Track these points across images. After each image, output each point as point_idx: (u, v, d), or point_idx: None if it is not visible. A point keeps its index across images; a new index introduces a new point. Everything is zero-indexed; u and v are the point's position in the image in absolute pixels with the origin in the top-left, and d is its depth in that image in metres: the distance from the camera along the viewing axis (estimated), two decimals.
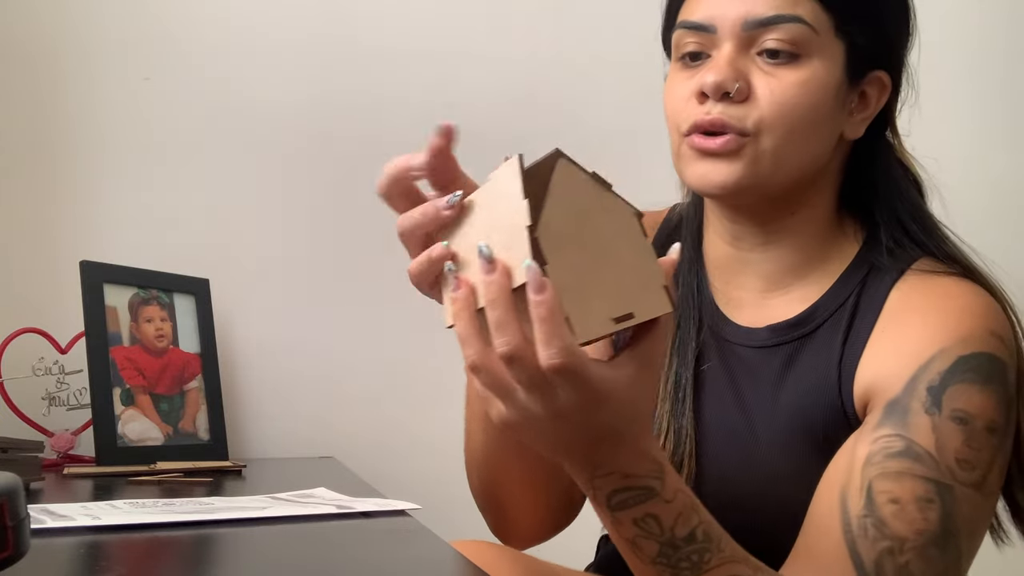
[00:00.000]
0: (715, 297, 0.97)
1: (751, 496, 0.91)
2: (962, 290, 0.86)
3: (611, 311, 0.65)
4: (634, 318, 0.65)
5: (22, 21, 1.50)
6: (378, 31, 1.64)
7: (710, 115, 0.85)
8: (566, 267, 0.64)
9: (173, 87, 1.55)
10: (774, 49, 0.85)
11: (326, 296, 1.59)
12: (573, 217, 0.65)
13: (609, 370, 0.66)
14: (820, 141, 0.89)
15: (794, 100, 0.85)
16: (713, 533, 0.74)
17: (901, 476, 0.79)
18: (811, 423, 0.88)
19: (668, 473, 0.72)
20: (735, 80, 0.85)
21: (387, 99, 1.63)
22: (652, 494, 0.71)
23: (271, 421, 1.56)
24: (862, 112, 0.91)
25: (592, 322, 0.64)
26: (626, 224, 0.67)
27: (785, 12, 0.85)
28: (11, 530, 0.53)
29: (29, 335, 1.40)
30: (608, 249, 0.66)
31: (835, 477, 0.82)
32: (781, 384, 0.90)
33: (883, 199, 0.93)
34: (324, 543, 0.76)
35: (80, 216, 1.50)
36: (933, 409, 0.80)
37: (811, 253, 0.93)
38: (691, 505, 0.73)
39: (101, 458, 1.27)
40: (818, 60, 0.86)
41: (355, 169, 1.62)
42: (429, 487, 1.04)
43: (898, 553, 0.78)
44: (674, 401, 0.94)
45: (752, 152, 0.85)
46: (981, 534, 0.83)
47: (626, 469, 0.70)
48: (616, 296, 0.65)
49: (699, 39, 0.88)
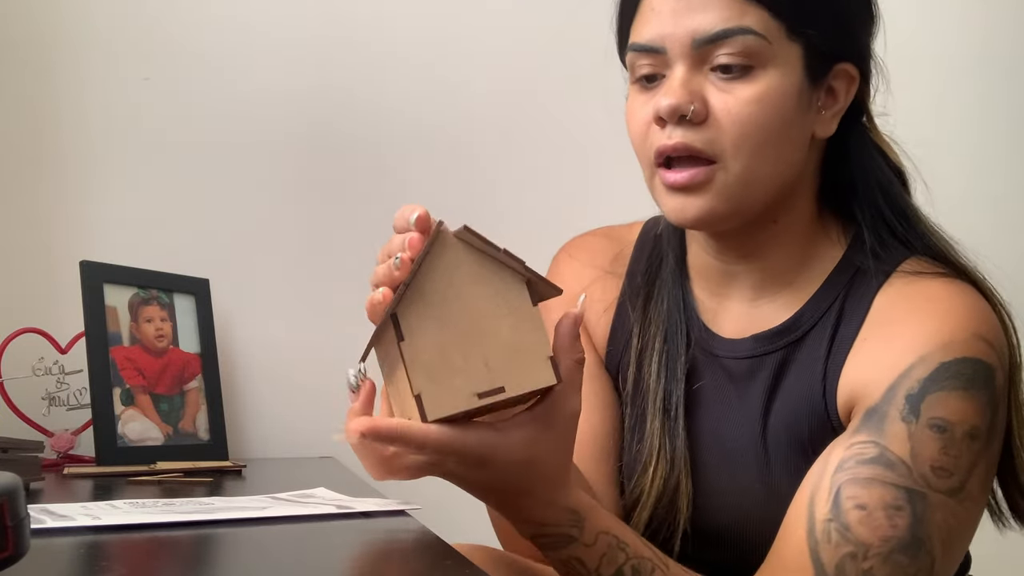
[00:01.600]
0: (701, 310, 0.96)
1: (746, 508, 0.90)
2: (948, 292, 0.85)
3: (476, 387, 0.66)
4: (505, 392, 0.66)
5: (21, 21, 1.50)
6: (378, 31, 1.64)
7: (672, 140, 0.84)
8: (426, 345, 0.66)
9: (173, 87, 1.55)
10: (726, 64, 0.83)
11: (326, 296, 1.59)
12: (442, 292, 0.66)
13: (493, 434, 0.70)
14: (790, 149, 0.86)
15: (752, 117, 0.83)
16: (643, 567, 0.77)
17: (871, 483, 0.78)
18: (799, 432, 0.87)
19: (588, 519, 0.76)
20: (690, 102, 0.83)
21: (387, 100, 1.63)
22: (571, 540, 0.76)
23: (271, 421, 1.56)
24: (832, 108, 0.89)
25: (449, 398, 0.66)
26: (513, 294, 0.67)
27: (733, 25, 0.82)
28: (11, 530, 0.53)
29: (29, 335, 1.40)
30: (483, 323, 0.67)
31: (808, 482, 0.82)
32: (771, 394, 0.90)
33: (863, 194, 0.91)
34: (324, 543, 0.76)
35: (80, 216, 1.50)
36: (910, 417, 0.79)
37: (796, 258, 0.91)
38: (617, 545, 0.77)
39: (101, 458, 1.27)
40: (773, 69, 0.84)
41: (355, 169, 1.62)
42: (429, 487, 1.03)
43: (861, 559, 0.77)
44: (664, 419, 0.93)
45: (723, 179, 0.84)
46: (962, 541, 0.82)
47: (540, 519, 0.75)
48: (484, 371, 0.66)
49: (651, 61, 0.86)
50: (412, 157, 1.63)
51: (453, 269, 0.67)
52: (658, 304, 0.97)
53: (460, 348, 0.66)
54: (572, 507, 0.75)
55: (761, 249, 0.91)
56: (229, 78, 1.57)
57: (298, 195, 1.60)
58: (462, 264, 0.67)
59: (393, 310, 0.66)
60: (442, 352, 0.66)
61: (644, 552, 0.78)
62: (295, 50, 1.60)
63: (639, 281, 1.00)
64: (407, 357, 0.65)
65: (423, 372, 0.65)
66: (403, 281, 0.67)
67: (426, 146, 1.64)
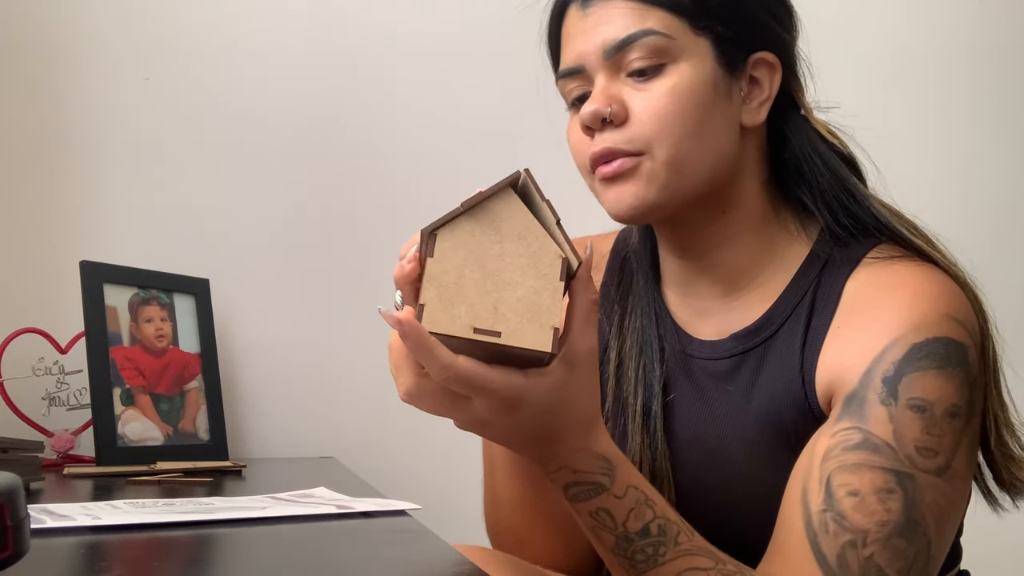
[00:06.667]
0: (676, 316, 0.98)
1: (734, 505, 0.91)
2: (915, 275, 0.86)
3: (476, 321, 0.68)
4: (499, 338, 0.68)
5: (22, 22, 1.50)
6: (379, 32, 1.64)
7: (598, 146, 0.88)
8: (448, 268, 0.68)
9: (173, 87, 1.55)
10: (640, 68, 0.87)
11: (326, 296, 1.60)
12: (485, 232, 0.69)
13: (520, 377, 0.70)
14: (715, 138, 0.89)
15: (667, 108, 0.86)
16: (670, 528, 0.77)
17: (859, 468, 0.79)
18: (782, 425, 0.88)
19: (619, 469, 0.76)
20: (607, 105, 0.87)
21: (387, 100, 1.63)
22: (601, 489, 0.76)
23: (271, 421, 1.57)
24: (758, 97, 0.91)
25: (447, 320, 0.68)
26: (547, 263, 0.70)
27: (635, 30, 0.87)
28: (11, 530, 0.53)
29: (29, 335, 1.40)
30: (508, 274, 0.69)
31: (798, 474, 0.83)
32: (751, 391, 0.91)
33: (809, 179, 0.93)
34: (324, 543, 0.76)
35: (80, 216, 1.51)
36: (889, 400, 0.80)
37: (759, 251, 0.93)
38: (644, 500, 0.77)
39: (101, 458, 1.27)
40: (684, 62, 0.87)
41: (355, 169, 1.62)
42: (429, 487, 1.04)
43: (861, 546, 0.78)
44: (644, 433, 0.95)
45: (649, 168, 0.87)
46: (953, 519, 0.83)
47: (572, 465, 0.75)
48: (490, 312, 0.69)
49: (578, 82, 0.91)
50: (412, 157, 1.64)
51: (505, 218, 0.70)
52: (632, 320, 1.00)
53: (478, 285, 0.69)
54: (603, 454, 0.76)
55: (720, 242, 0.93)
56: (229, 78, 1.57)
57: (298, 195, 1.60)
58: (514, 217, 0.70)
59: (435, 228, 0.68)
60: (459, 280, 0.68)
61: (671, 515, 0.78)
62: (295, 50, 1.60)
63: (613, 295, 1.02)
64: (428, 271, 0.68)
65: (435, 288, 0.68)
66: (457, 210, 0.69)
67: (427, 146, 1.64)
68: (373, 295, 1.58)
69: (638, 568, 0.77)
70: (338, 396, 1.59)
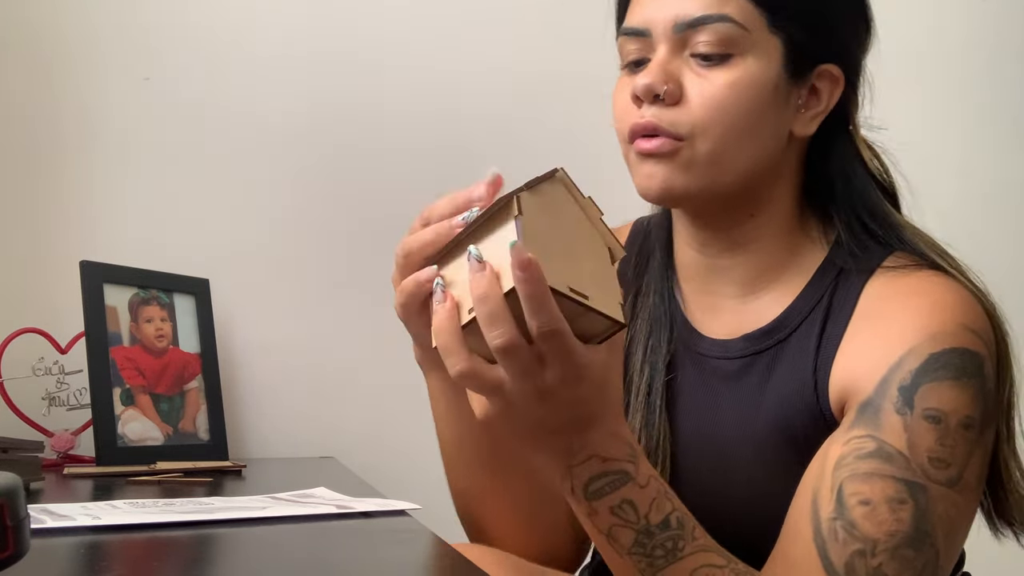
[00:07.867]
0: (686, 308, 0.97)
1: (734, 506, 0.90)
2: (933, 285, 0.85)
3: (570, 281, 0.68)
4: (588, 300, 0.68)
5: (22, 22, 1.50)
6: (379, 32, 1.64)
7: (644, 118, 0.86)
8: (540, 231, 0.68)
9: (173, 87, 1.55)
10: (705, 53, 0.85)
11: (326, 296, 1.59)
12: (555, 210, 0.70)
13: (586, 348, 0.69)
14: (762, 141, 0.88)
15: (725, 101, 0.85)
16: (687, 521, 0.77)
17: (872, 477, 0.79)
18: (792, 429, 0.88)
19: (641, 458, 0.76)
20: (664, 82, 0.85)
21: (387, 101, 1.63)
22: (627, 478, 0.74)
23: (271, 421, 1.56)
24: (814, 108, 0.90)
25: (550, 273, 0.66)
26: (597, 247, 0.72)
27: (713, 12, 0.85)
28: (11, 530, 0.53)
29: (29, 335, 1.40)
30: (579, 250, 0.70)
31: (808, 480, 0.82)
32: (762, 393, 0.90)
33: (841, 199, 0.92)
34: (324, 543, 0.76)
35: (80, 216, 1.50)
36: (904, 409, 0.80)
37: (780, 255, 0.92)
38: (664, 492, 0.76)
39: (101, 458, 1.27)
40: (752, 58, 0.85)
41: (356, 169, 1.62)
42: (429, 487, 1.03)
43: (870, 555, 0.77)
44: (646, 412, 0.94)
45: (688, 156, 0.85)
46: (962, 531, 0.83)
47: (603, 452, 0.74)
48: (581, 275, 0.69)
49: (639, 44, 0.89)
50: (412, 158, 1.63)
51: (562, 203, 0.71)
52: (645, 298, 0.99)
53: (563, 250, 0.69)
54: (628, 440, 0.75)
55: (743, 243, 0.92)
56: (229, 78, 1.57)
57: (298, 195, 1.60)
58: (568, 203, 0.72)
59: (519, 193, 0.68)
60: (548, 243, 0.68)
61: (684, 507, 0.78)
62: (296, 51, 1.60)
63: (629, 276, 1.01)
64: (523, 229, 0.66)
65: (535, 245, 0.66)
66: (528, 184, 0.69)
67: (427, 147, 1.64)
68: (373, 295, 1.58)
69: (656, 565, 0.76)
70: (338, 396, 1.59)
